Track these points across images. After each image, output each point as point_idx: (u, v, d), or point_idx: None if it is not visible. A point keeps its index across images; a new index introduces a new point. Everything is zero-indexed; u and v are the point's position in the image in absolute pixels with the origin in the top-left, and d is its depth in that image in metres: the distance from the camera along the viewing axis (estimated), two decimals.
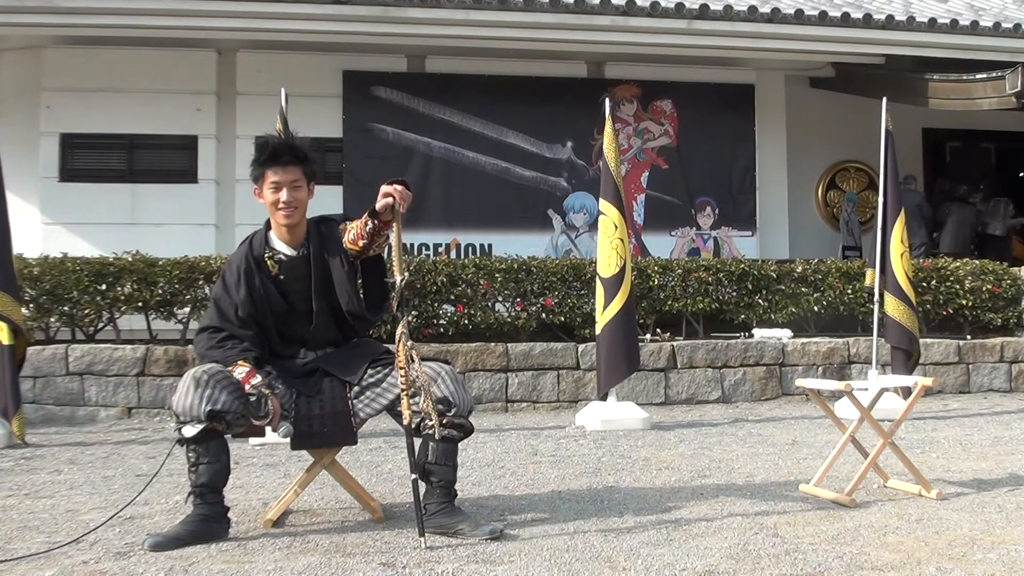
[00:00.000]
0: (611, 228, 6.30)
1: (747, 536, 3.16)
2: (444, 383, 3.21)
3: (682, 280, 8.06)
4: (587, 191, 9.93)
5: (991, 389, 8.12)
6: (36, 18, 8.38)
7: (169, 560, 2.88)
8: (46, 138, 9.19)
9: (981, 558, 2.90)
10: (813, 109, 10.85)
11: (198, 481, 3.11)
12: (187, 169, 9.38)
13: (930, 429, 6.02)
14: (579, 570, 2.77)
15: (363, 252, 3.35)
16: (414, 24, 8.71)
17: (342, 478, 3.50)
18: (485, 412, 6.99)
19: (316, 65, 9.51)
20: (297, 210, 3.34)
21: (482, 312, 7.66)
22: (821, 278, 8.36)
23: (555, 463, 4.77)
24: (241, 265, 3.34)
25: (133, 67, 9.19)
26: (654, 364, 7.49)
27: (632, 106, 10.26)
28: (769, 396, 7.71)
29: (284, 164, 3.30)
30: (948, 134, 11.94)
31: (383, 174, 3.81)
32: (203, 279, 7.29)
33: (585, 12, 8.79)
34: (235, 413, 3.08)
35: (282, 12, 8.42)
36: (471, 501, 3.73)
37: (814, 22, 9.23)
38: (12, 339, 5.57)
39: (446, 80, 9.86)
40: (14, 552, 3.03)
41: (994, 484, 4.10)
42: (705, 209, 10.35)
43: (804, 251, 10.14)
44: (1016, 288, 8.74)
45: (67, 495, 4.05)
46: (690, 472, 4.46)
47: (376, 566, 2.81)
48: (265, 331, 3.34)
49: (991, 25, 9.45)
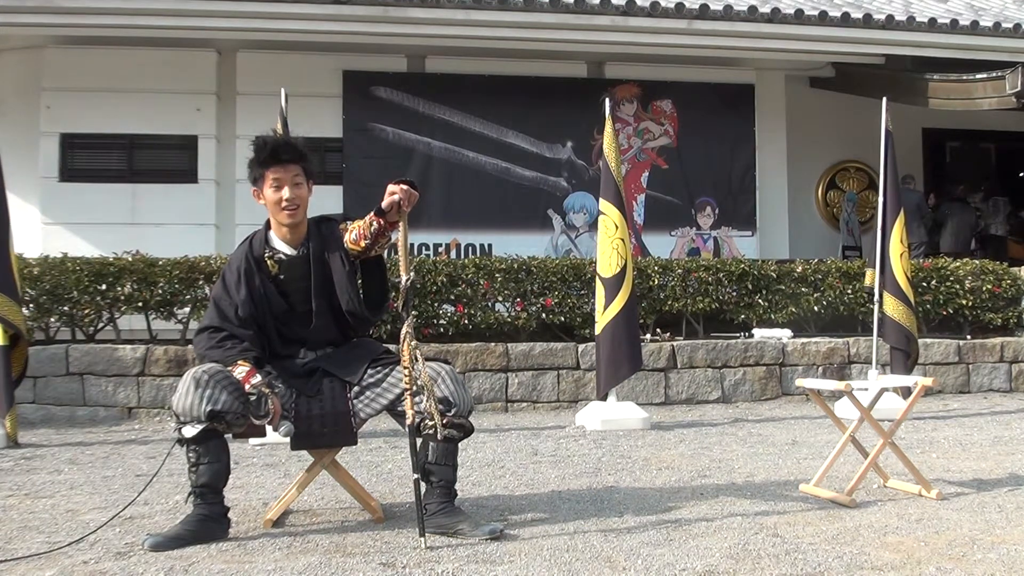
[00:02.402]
0: (611, 228, 6.30)
1: (747, 536, 3.16)
2: (444, 383, 3.21)
3: (682, 280, 8.06)
4: (587, 191, 9.94)
5: (991, 389, 8.12)
6: (36, 18, 8.39)
7: (169, 560, 2.88)
8: (46, 138, 9.19)
9: (981, 558, 2.90)
10: (813, 109, 10.86)
11: (198, 481, 3.11)
12: (187, 169, 9.39)
13: (930, 429, 6.02)
14: (579, 570, 2.77)
15: (364, 252, 3.35)
16: (414, 24, 8.71)
17: (342, 478, 3.50)
18: (485, 412, 6.99)
19: (316, 65, 9.51)
20: (299, 208, 3.34)
21: (482, 312, 7.66)
22: (821, 278, 8.36)
23: (555, 463, 4.77)
24: (241, 265, 3.34)
25: (133, 67, 9.20)
26: (654, 364, 7.48)
27: (632, 106, 10.27)
28: (769, 396, 7.71)
29: (284, 162, 3.30)
30: (948, 134, 11.95)
31: (383, 174, 3.82)
32: (203, 279, 7.29)
33: (585, 12, 8.79)
34: (235, 413, 3.08)
35: (282, 12, 8.42)
36: (471, 501, 3.73)
37: (814, 22, 9.23)
38: (7, 340, 5.55)
39: (446, 80, 9.86)
40: (14, 552, 3.03)
41: (994, 484, 4.10)
42: (705, 209, 10.36)
43: (804, 251, 10.14)
44: (1016, 288, 8.74)
45: (67, 495, 4.05)
46: (690, 472, 4.46)
47: (376, 566, 2.81)
48: (265, 331, 3.34)
49: (991, 25, 9.46)
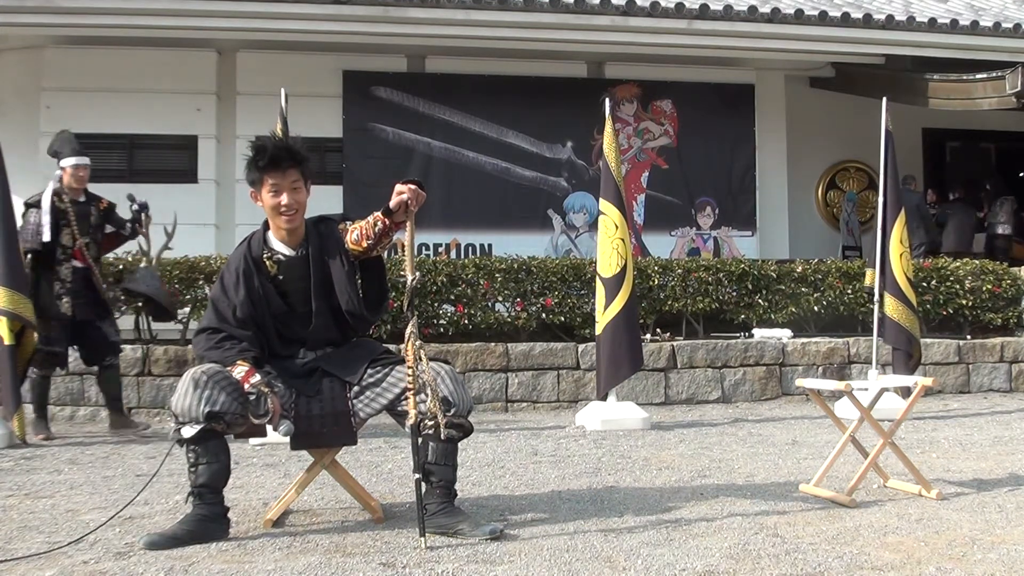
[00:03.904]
0: (612, 228, 6.30)
1: (747, 536, 3.16)
2: (444, 383, 3.21)
3: (682, 280, 8.06)
4: (587, 191, 9.94)
5: (991, 389, 8.12)
6: (36, 18, 8.39)
7: (169, 560, 2.88)
8: (46, 138, 9.13)
9: (981, 558, 2.90)
10: (813, 109, 10.86)
11: (197, 481, 3.11)
12: (187, 169, 9.39)
13: (930, 429, 6.02)
14: (579, 570, 2.77)
15: (366, 253, 3.34)
16: (414, 24, 8.72)
17: (342, 478, 3.50)
18: (485, 412, 6.99)
19: (316, 65, 9.51)
20: (298, 213, 3.33)
21: (482, 312, 7.66)
22: (821, 278, 8.36)
23: (555, 463, 4.77)
24: (240, 266, 3.33)
25: (133, 67, 9.20)
26: (654, 364, 7.48)
27: (632, 106, 10.27)
28: (769, 396, 7.71)
29: (282, 168, 3.28)
30: (948, 134, 11.95)
31: (383, 174, 3.82)
32: (203, 279, 7.30)
33: (585, 12, 8.79)
34: (233, 414, 3.08)
35: (282, 12, 8.42)
36: (471, 501, 3.73)
37: (814, 22, 9.23)
38: (12, 338, 5.56)
39: (446, 80, 9.86)
40: (14, 552, 3.03)
41: (994, 484, 4.10)
42: (705, 209, 10.36)
43: (804, 251, 10.14)
44: (1016, 288, 8.74)
45: (67, 495, 4.05)
46: (690, 472, 4.46)
47: (376, 566, 2.81)
48: (264, 331, 3.33)
49: (991, 25, 9.46)
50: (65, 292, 5.83)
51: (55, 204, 5.84)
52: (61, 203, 5.87)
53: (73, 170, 5.94)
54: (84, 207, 5.99)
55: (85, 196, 6.04)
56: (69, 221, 5.87)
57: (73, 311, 5.84)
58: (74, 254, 5.89)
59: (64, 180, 5.95)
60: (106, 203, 6.15)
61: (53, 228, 5.79)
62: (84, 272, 5.92)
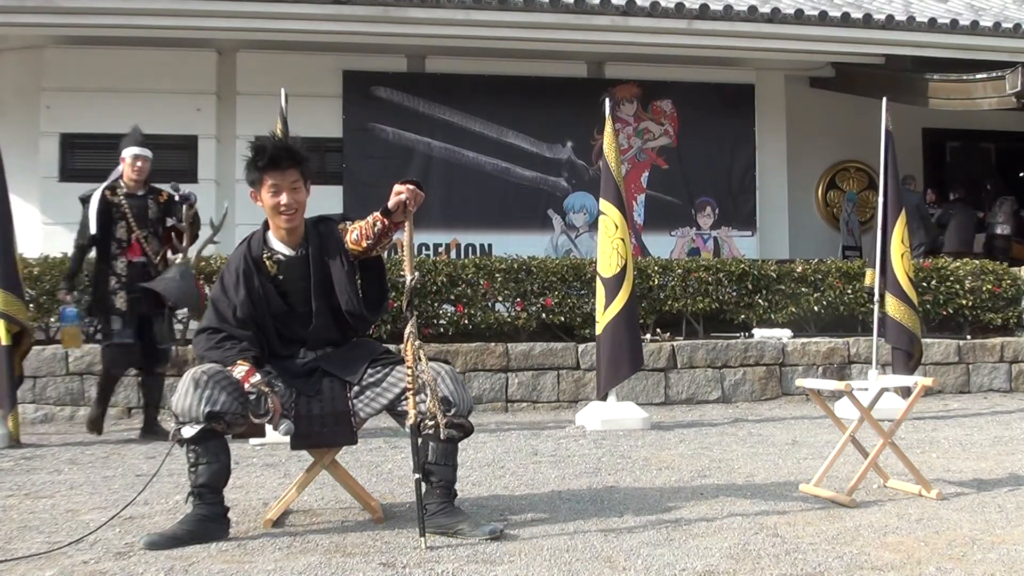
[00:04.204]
0: (612, 228, 6.30)
1: (747, 536, 3.16)
2: (444, 383, 3.21)
3: (682, 280, 8.06)
4: (587, 191, 9.94)
5: (991, 389, 8.12)
6: (36, 18, 8.40)
7: (169, 560, 2.88)
8: (46, 138, 9.19)
9: (981, 558, 2.90)
10: (813, 109, 10.86)
11: (197, 481, 3.11)
12: (187, 169, 9.37)
13: (930, 429, 6.02)
14: (579, 570, 2.77)
15: (366, 253, 3.35)
16: (414, 24, 8.72)
17: (342, 478, 3.50)
18: (485, 412, 6.99)
19: (316, 65, 9.51)
20: (297, 213, 3.33)
21: (482, 312, 7.66)
22: (821, 278, 8.36)
23: (555, 463, 4.77)
24: (240, 266, 3.34)
25: (133, 67, 9.20)
26: (654, 364, 7.49)
27: (632, 106, 10.27)
28: (769, 396, 7.71)
29: (282, 168, 3.28)
30: (948, 134, 11.95)
31: (383, 174, 3.82)
32: (203, 279, 7.27)
33: (585, 12, 8.80)
34: (233, 414, 3.08)
35: (282, 12, 8.42)
36: (471, 501, 3.73)
37: (814, 22, 9.23)
38: (9, 339, 5.56)
39: (446, 80, 9.86)
40: (14, 552, 3.03)
41: (994, 484, 4.10)
42: (705, 209, 10.36)
43: (804, 251, 10.14)
44: (1016, 288, 8.74)
45: (67, 495, 4.05)
46: (690, 472, 4.46)
47: (376, 566, 2.81)
48: (264, 331, 3.33)
49: (991, 25, 9.46)
50: (120, 286, 5.74)
51: (106, 197, 5.75)
52: (114, 196, 5.78)
53: (132, 160, 5.82)
54: (142, 200, 5.86)
55: (145, 189, 5.91)
56: (124, 214, 5.78)
57: (129, 306, 5.75)
58: (131, 248, 5.80)
59: (124, 171, 5.85)
60: (166, 195, 5.97)
61: (106, 221, 5.71)
62: (142, 266, 5.82)
